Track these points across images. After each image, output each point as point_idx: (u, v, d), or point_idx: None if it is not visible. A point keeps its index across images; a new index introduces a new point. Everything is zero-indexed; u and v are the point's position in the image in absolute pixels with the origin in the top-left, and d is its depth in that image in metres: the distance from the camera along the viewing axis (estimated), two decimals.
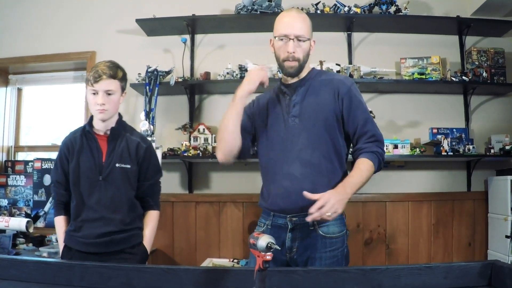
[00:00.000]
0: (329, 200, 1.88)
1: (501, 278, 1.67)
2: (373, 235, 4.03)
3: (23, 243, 3.88)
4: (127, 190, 2.47)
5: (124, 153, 2.47)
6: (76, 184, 2.44)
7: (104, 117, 2.43)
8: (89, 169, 2.43)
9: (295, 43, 2.18)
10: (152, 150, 2.64)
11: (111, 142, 2.48)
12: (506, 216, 3.68)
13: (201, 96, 4.31)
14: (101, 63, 2.43)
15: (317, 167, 2.17)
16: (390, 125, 4.16)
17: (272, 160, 2.25)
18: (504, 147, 3.82)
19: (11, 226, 3.40)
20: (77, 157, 2.46)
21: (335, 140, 2.22)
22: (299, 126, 2.21)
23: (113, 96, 2.42)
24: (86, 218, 2.41)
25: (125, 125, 2.59)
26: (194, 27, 4.24)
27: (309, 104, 2.23)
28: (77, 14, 4.53)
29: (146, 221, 2.59)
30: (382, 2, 4.00)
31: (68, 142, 2.51)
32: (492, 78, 4.00)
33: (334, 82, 2.26)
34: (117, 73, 2.43)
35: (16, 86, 4.85)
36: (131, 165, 2.48)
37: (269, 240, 1.40)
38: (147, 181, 2.57)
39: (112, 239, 2.39)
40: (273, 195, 2.23)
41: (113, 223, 2.40)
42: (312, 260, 2.16)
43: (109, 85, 2.38)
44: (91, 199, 2.41)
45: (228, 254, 4.07)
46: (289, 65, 2.21)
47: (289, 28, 2.19)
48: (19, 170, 4.50)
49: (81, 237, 2.39)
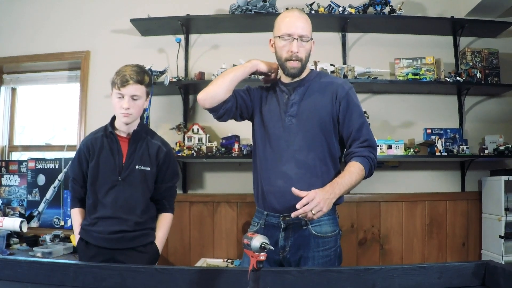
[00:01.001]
0: (315, 198, 1.88)
1: (494, 278, 1.68)
2: (367, 235, 4.03)
3: (17, 243, 3.86)
4: (143, 192, 2.52)
5: (144, 156, 2.53)
6: (94, 183, 2.50)
7: (128, 121, 2.48)
8: (109, 169, 2.49)
9: (299, 43, 2.19)
10: (172, 154, 2.69)
11: (132, 144, 2.53)
12: (500, 216, 3.70)
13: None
14: (128, 66, 2.47)
15: (312, 169, 2.19)
16: (384, 126, 4.17)
17: (267, 158, 2.26)
18: (498, 147, 3.83)
19: (5, 226, 3.35)
20: (98, 157, 2.51)
21: (331, 143, 2.24)
22: (296, 126, 2.21)
23: (138, 101, 2.46)
24: (101, 216, 2.46)
25: (146, 128, 2.67)
26: (188, 27, 4.23)
27: (306, 105, 2.23)
28: (71, 14, 4.51)
29: (159, 223, 2.64)
30: (376, 3, 4.01)
31: (89, 143, 2.56)
32: (486, 79, 4.02)
33: (333, 85, 2.27)
34: (144, 79, 2.47)
35: (10, 85, 4.83)
36: (151, 168, 2.53)
37: (263, 240, 1.40)
38: (165, 184, 2.63)
39: (124, 236, 2.45)
40: (266, 194, 2.24)
41: (127, 223, 2.46)
42: (305, 259, 2.17)
43: (136, 90, 2.43)
44: (107, 198, 2.46)
45: (222, 254, 4.07)
46: (292, 65, 2.22)
47: (293, 27, 2.19)
48: (13, 170, 4.47)
49: (96, 231, 2.45)
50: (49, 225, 4.20)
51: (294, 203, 2.06)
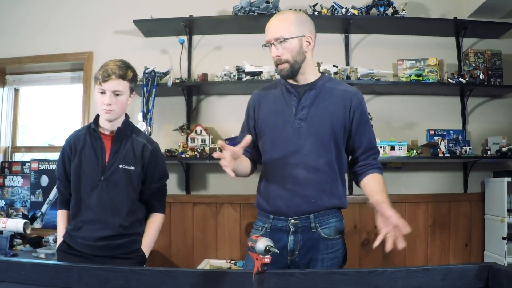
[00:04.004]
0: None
1: (498, 280, 1.67)
2: (370, 237, 4.03)
3: (20, 244, 3.87)
4: (128, 193, 2.41)
5: (128, 154, 2.42)
6: (77, 182, 2.39)
7: (110, 118, 2.37)
8: (91, 168, 2.38)
9: (276, 46, 2.16)
10: (159, 152, 2.58)
11: (116, 142, 2.42)
12: (503, 217, 3.68)
13: (198, 97, 4.31)
14: (111, 61, 2.37)
15: (322, 174, 2.18)
16: (387, 127, 4.17)
17: (275, 160, 2.24)
18: (501, 148, 3.83)
19: (8, 228, 3.40)
20: (80, 155, 2.41)
21: (340, 150, 2.24)
22: (305, 130, 2.19)
23: (121, 97, 2.36)
24: (85, 219, 2.37)
25: (132, 126, 2.54)
26: (191, 28, 4.24)
27: (318, 110, 2.21)
28: (74, 15, 4.52)
29: (149, 225, 2.54)
30: (379, 4, 4.01)
31: (71, 141, 2.46)
32: (489, 80, 4.01)
33: (348, 94, 2.25)
34: (127, 74, 2.37)
35: (13, 86, 4.84)
36: (135, 167, 2.42)
37: (267, 243, 1.40)
38: (154, 184, 2.52)
39: (109, 244, 2.35)
40: (274, 197, 2.22)
41: (111, 227, 2.36)
42: (314, 261, 2.17)
43: (118, 86, 2.32)
44: (91, 199, 2.36)
45: (225, 255, 4.08)
46: (280, 68, 2.21)
47: (267, 34, 2.19)
48: (16, 171, 4.49)
49: (80, 237, 2.36)
50: (52, 226, 4.17)
51: (304, 206, 2.11)
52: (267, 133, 2.29)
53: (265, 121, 2.31)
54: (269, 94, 2.36)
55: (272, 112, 2.29)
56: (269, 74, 3.93)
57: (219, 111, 4.25)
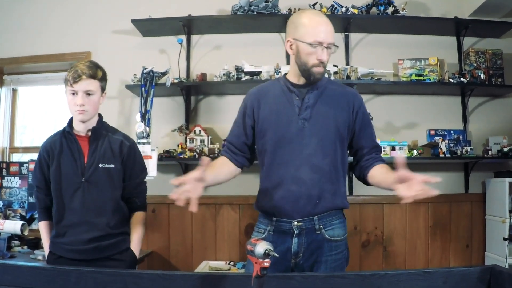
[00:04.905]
0: None
1: (500, 283, 1.66)
2: (370, 238, 4.02)
3: (18, 245, 3.85)
4: (111, 191, 2.43)
5: (107, 153, 2.43)
6: (58, 187, 2.38)
7: (84, 118, 2.38)
8: (71, 171, 2.38)
9: (328, 51, 2.15)
10: (136, 148, 2.60)
11: (92, 143, 2.43)
12: (504, 218, 3.67)
13: (197, 97, 4.28)
14: (80, 63, 2.39)
15: (327, 173, 2.18)
16: (388, 127, 4.15)
17: (279, 160, 2.21)
18: (502, 149, 3.81)
19: (6, 229, 3.38)
20: (58, 160, 2.40)
21: (343, 149, 2.26)
22: (309, 130, 2.18)
23: (93, 97, 2.37)
24: (69, 223, 2.36)
25: (106, 125, 2.55)
26: (190, 28, 4.21)
27: (321, 110, 2.21)
28: (72, 15, 4.49)
29: (133, 224, 2.55)
30: (379, 3, 3.99)
31: (48, 146, 2.46)
32: (490, 80, 3.99)
33: (349, 95, 2.29)
34: (97, 73, 2.38)
35: (11, 86, 4.81)
36: (115, 164, 2.43)
37: (267, 246, 1.39)
38: (133, 180, 2.53)
39: (98, 246, 2.34)
40: (277, 199, 2.19)
41: (98, 227, 2.36)
42: (318, 264, 2.17)
43: (89, 85, 2.34)
44: (74, 202, 2.35)
45: (225, 256, 4.05)
46: (319, 71, 2.17)
47: (325, 35, 2.12)
48: (13, 171, 4.45)
49: (66, 243, 2.35)
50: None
51: (308, 207, 2.12)
52: (270, 133, 2.26)
53: (267, 120, 2.28)
54: (268, 93, 2.34)
55: (274, 112, 2.27)
56: (268, 74, 3.90)
57: (218, 111, 4.23)
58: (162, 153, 3.88)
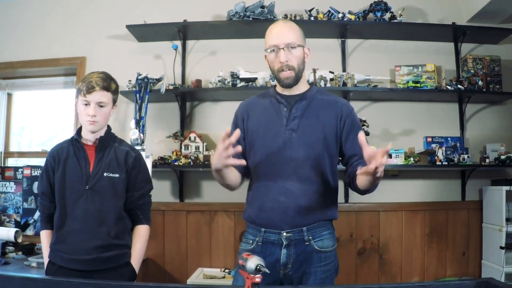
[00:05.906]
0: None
1: None
2: (366, 245, 3.99)
3: (13, 251, 3.83)
4: (114, 201, 2.40)
5: (112, 163, 2.42)
6: (61, 193, 2.37)
7: (94, 129, 2.39)
8: (75, 178, 2.37)
9: (286, 51, 2.15)
10: (142, 159, 2.58)
11: (99, 152, 2.43)
12: (501, 226, 3.65)
13: (192, 103, 4.26)
14: (94, 73, 2.39)
15: (315, 184, 2.17)
16: (384, 134, 4.12)
17: (267, 171, 2.21)
18: (500, 156, 3.79)
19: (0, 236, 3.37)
20: (63, 166, 2.39)
21: (333, 159, 2.24)
22: (297, 141, 2.17)
23: (104, 109, 2.38)
24: (70, 229, 2.33)
25: (114, 136, 2.55)
26: (185, 33, 4.18)
27: (309, 120, 2.20)
28: (67, 20, 4.48)
29: (135, 238, 2.51)
30: (376, 9, 3.96)
31: (55, 152, 2.45)
32: (488, 87, 3.96)
33: (338, 104, 2.27)
34: (111, 86, 2.39)
35: (6, 91, 4.79)
36: (120, 174, 2.42)
37: (258, 262, 1.38)
38: (136, 191, 2.50)
39: (98, 258, 2.31)
40: (266, 210, 2.18)
41: (99, 236, 2.33)
42: (307, 275, 2.15)
43: (102, 97, 2.35)
44: (77, 209, 2.34)
45: (220, 263, 4.04)
46: (285, 75, 2.18)
47: (277, 37, 2.17)
48: (8, 176, 4.44)
49: (65, 252, 2.31)
50: None
51: (297, 219, 2.10)
52: (258, 144, 2.25)
53: (255, 132, 2.28)
54: (258, 105, 2.35)
55: (262, 123, 2.27)
56: (264, 80, 3.88)
57: (213, 117, 4.21)
58: (157, 159, 3.86)
